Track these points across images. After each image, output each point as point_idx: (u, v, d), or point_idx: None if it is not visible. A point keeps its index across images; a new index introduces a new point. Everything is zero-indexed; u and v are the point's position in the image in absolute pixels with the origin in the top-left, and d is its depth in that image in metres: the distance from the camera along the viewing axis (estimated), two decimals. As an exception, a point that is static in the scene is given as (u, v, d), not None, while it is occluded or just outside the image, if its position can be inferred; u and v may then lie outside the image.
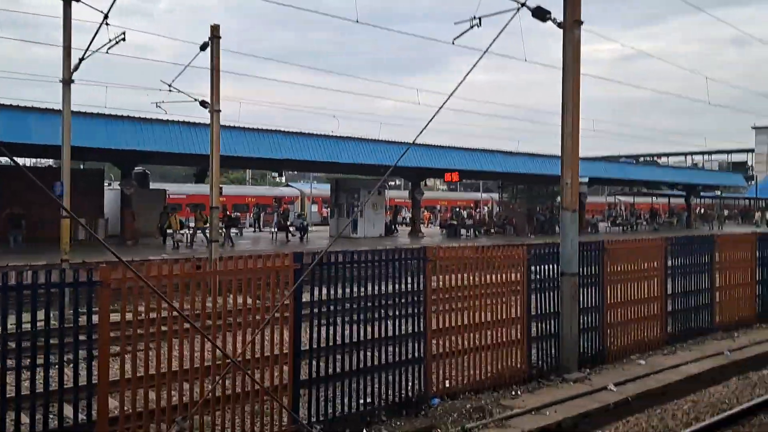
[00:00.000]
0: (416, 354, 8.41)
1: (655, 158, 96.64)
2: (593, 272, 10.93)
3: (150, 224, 27.50)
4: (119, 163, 26.43)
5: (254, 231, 38.08)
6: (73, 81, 15.24)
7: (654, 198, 62.55)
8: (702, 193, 54.76)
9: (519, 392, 9.19)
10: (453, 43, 10.52)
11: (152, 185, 34.30)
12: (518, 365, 9.53)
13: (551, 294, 10.15)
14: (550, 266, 10.19)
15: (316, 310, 7.58)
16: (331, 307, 7.62)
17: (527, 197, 42.60)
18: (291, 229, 29.10)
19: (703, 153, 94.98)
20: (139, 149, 22.30)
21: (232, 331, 6.89)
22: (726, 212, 73.40)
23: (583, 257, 10.65)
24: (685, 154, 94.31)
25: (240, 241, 28.30)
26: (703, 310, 13.26)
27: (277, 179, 73.76)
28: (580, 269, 10.47)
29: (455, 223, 35.31)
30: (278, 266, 7.17)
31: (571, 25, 9.95)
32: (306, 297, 7.76)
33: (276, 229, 29.42)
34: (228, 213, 32.55)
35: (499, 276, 9.36)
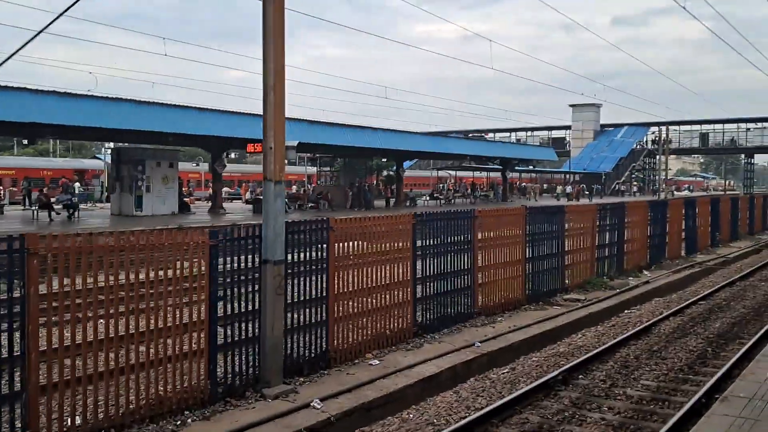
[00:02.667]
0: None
1: (483, 134, 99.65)
2: (317, 257, 9.05)
3: None
4: None
5: (23, 208, 32.81)
6: None
7: (478, 173, 63.91)
8: (519, 168, 56.22)
9: (190, 421, 7.06)
10: None
11: None
12: (194, 383, 7.38)
13: (249, 288, 8.10)
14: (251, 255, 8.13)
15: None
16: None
17: (348, 172, 41.07)
18: (56, 206, 25.18)
19: (526, 129, 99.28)
20: None
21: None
22: (545, 186, 77.25)
23: (303, 240, 8.74)
24: (510, 130, 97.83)
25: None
26: (461, 294, 11.90)
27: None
28: (309, 254, 8.64)
29: (261, 197, 32.80)
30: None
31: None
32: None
33: (37, 207, 25.34)
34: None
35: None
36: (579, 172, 75.13)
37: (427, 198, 46.32)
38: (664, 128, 68.21)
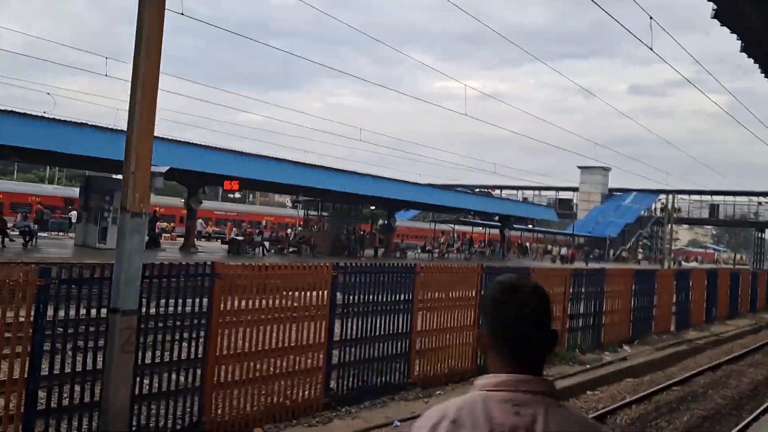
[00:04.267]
0: None
1: (490, 190, 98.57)
2: (197, 310, 7.58)
3: None
4: None
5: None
6: None
7: (479, 228, 62.34)
8: (518, 226, 54.71)
9: None
10: None
11: None
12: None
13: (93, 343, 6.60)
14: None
15: None
16: None
17: (336, 217, 39.76)
18: (11, 233, 23.90)
19: (534, 188, 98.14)
20: None
21: None
22: (549, 247, 75.38)
23: (179, 287, 7.28)
24: (518, 188, 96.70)
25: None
26: (392, 361, 10.31)
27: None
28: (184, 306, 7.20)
29: (239, 238, 31.50)
30: None
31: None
32: None
33: (-10, 233, 24.06)
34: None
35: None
36: (582, 235, 73.50)
37: (419, 251, 44.78)
38: (671, 196, 66.68)
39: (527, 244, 68.29)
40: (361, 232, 41.44)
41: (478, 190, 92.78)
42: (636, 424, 9.59)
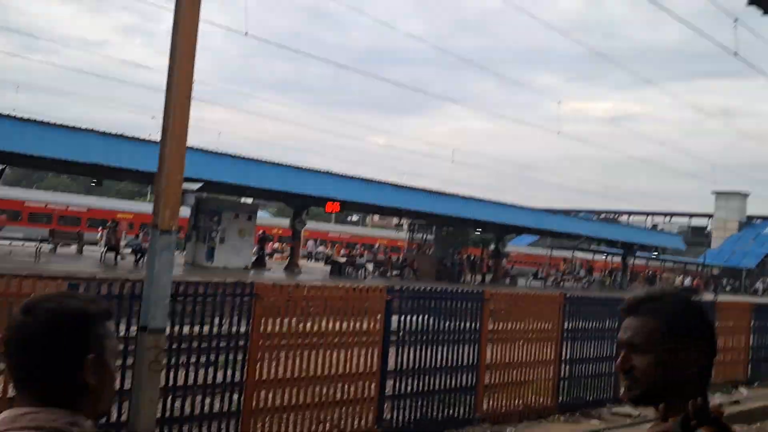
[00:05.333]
0: None
1: (616, 216, 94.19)
2: (235, 331, 7.39)
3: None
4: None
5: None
6: None
7: (605, 256, 59.30)
8: (641, 254, 51.57)
9: None
10: None
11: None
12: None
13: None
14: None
15: None
16: None
17: (443, 241, 39.20)
18: (125, 250, 25.30)
19: (664, 214, 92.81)
20: None
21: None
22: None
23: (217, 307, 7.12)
24: (647, 214, 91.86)
25: (55, 258, 24.46)
26: (457, 394, 9.65)
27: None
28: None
29: (341, 260, 31.72)
30: None
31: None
32: None
33: (105, 248, 25.56)
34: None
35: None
36: (716, 265, 68.32)
37: (531, 277, 43.21)
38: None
39: (654, 273, 64.30)
40: (470, 257, 40.59)
41: (603, 215, 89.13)
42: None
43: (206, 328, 7.16)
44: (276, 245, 43.47)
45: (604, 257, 59.32)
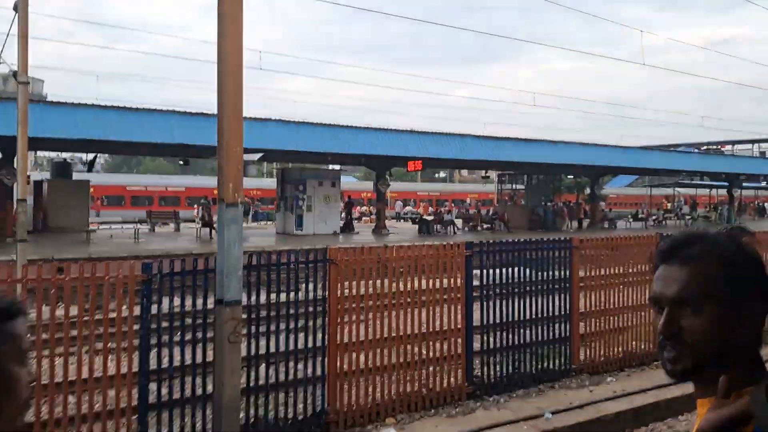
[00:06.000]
0: None
1: (720, 147, 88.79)
2: (314, 296, 7.31)
3: (68, 218, 24.98)
4: None
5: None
6: None
7: (710, 190, 56.10)
8: (748, 184, 48.45)
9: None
10: None
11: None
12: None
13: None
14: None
15: None
16: None
17: (534, 190, 38.17)
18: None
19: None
20: None
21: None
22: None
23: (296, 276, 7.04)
24: (753, 142, 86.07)
25: (153, 238, 25.47)
26: (550, 346, 9.26)
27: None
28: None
29: (427, 219, 31.46)
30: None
31: None
32: None
33: (200, 225, 26.38)
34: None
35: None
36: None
37: (630, 219, 41.47)
38: None
39: (765, 203, 60.41)
40: (564, 204, 39.35)
41: (705, 148, 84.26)
42: None
43: (285, 296, 7.11)
44: (364, 209, 43.70)
45: (708, 192, 56.16)
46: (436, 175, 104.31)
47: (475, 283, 8.61)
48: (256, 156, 19.06)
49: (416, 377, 7.95)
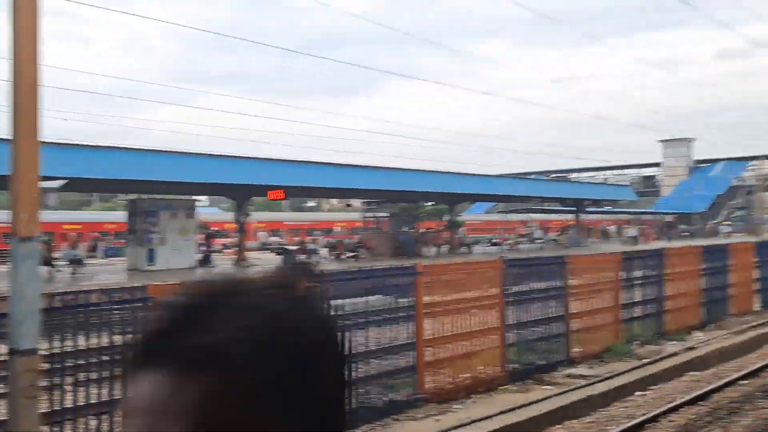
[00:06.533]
0: None
1: (567, 174, 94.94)
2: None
3: None
4: None
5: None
6: None
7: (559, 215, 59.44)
8: (592, 209, 51.92)
9: None
10: None
11: None
12: None
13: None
14: None
15: None
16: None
17: (395, 217, 38.63)
18: (59, 262, 24.07)
19: (614, 168, 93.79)
20: None
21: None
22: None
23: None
24: (596, 170, 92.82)
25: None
26: (396, 377, 9.08)
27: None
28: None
29: (290, 249, 30.96)
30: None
31: None
32: None
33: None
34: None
35: None
36: (669, 213, 69.44)
37: (488, 244, 43.02)
38: (763, 161, 61.88)
39: (608, 227, 64.96)
40: (425, 231, 40.12)
41: (554, 175, 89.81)
42: (681, 433, 7.94)
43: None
44: (225, 241, 42.29)
45: (557, 216, 59.61)
46: (306, 204, 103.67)
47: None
48: (57, 183, 17.16)
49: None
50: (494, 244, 42.37)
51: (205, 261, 28.62)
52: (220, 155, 26.41)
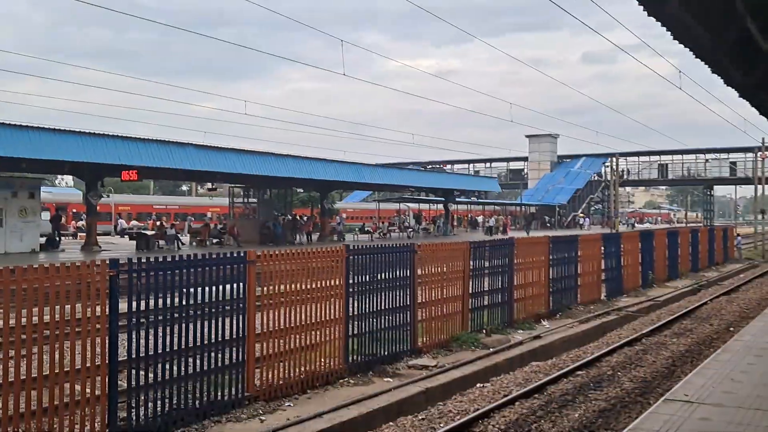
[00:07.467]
0: None
1: (442, 165, 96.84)
2: None
3: None
4: None
5: None
6: None
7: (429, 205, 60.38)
8: (461, 200, 53.12)
9: None
10: None
11: None
12: None
13: None
14: None
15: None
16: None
17: (267, 204, 37.49)
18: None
19: (485, 161, 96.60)
20: None
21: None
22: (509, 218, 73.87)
23: None
24: (469, 162, 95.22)
25: None
26: (220, 374, 8.35)
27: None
28: None
29: (148, 234, 29.16)
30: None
31: None
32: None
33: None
34: None
35: None
36: (533, 204, 72.46)
37: (358, 232, 42.84)
38: (617, 158, 65.80)
39: (477, 217, 66.80)
40: (294, 217, 39.26)
41: (430, 166, 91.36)
42: (511, 429, 7.76)
43: None
44: (81, 223, 39.41)
45: (429, 206, 60.57)
46: (181, 188, 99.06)
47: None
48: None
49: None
50: (366, 232, 42.21)
51: (50, 244, 26.33)
52: (66, 130, 24.20)
